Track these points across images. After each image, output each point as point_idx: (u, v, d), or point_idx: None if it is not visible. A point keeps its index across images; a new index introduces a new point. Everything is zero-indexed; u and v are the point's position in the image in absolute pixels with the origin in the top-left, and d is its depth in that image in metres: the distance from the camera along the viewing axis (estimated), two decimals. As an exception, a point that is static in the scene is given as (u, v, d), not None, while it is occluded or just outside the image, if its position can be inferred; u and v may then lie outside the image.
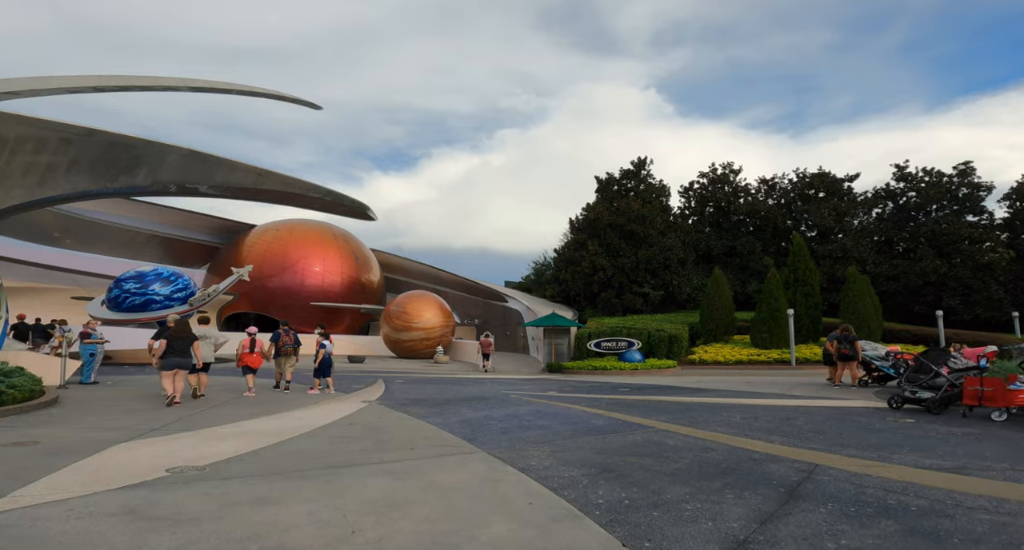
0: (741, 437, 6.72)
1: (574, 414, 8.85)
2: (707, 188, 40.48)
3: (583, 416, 8.62)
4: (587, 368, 20.39)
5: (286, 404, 10.05)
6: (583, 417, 8.51)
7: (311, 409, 9.37)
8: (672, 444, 6.35)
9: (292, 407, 9.60)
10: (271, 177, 16.92)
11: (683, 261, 34.42)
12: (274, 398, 11.18)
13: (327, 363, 12.20)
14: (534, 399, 11.17)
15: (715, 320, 24.91)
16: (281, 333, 12.78)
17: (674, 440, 6.60)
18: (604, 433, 7.08)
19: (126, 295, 22.37)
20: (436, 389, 13.44)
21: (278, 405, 9.92)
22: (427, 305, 32.65)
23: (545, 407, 9.82)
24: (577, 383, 15.59)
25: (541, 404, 10.29)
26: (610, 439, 6.67)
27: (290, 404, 10.04)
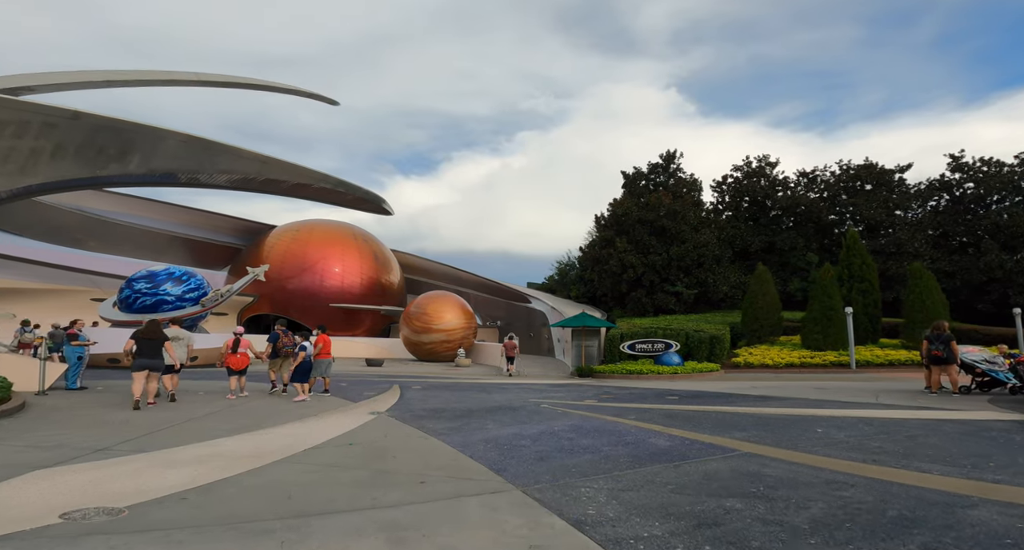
0: (871, 464, 4.95)
1: (625, 431, 7.15)
2: (741, 182, 38.22)
3: (638, 434, 6.92)
4: (620, 372, 18.61)
5: (279, 415, 8.59)
6: (638, 435, 6.81)
7: (306, 423, 7.87)
8: (776, 475, 4.63)
9: (284, 420, 8.12)
10: (275, 165, 15.68)
11: (718, 258, 32.27)
12: (268, 407, 9.75)
13: (305, 367, 10.78)
14: (571, 410, 9.50)
15: (759, 320, 22.83)
16: (280, 334, 11.70)
17: (775, 469, 4.87)
18: (674, 459, 5.38)
19: (137, 295, 21.49)
20: (457, 397, 11.88)
21: (269, 417, 8.46)
22: (448, 306, 31.22)
23: (586, 421, 8.15)
24: (614, 390, 13.84)
25: (580, 417, 8.62)
26: (686, 469, 4.98)
27: (283, 415, 8.57)
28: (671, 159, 39.52)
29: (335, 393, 12.13)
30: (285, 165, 15.88)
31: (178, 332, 11.05)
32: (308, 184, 17.45)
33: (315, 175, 17.42)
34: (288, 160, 15.75)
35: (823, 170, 38.18)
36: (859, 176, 35.99)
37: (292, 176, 16.42)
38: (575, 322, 19.87)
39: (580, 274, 49.34)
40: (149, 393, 9.44)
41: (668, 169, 39.50)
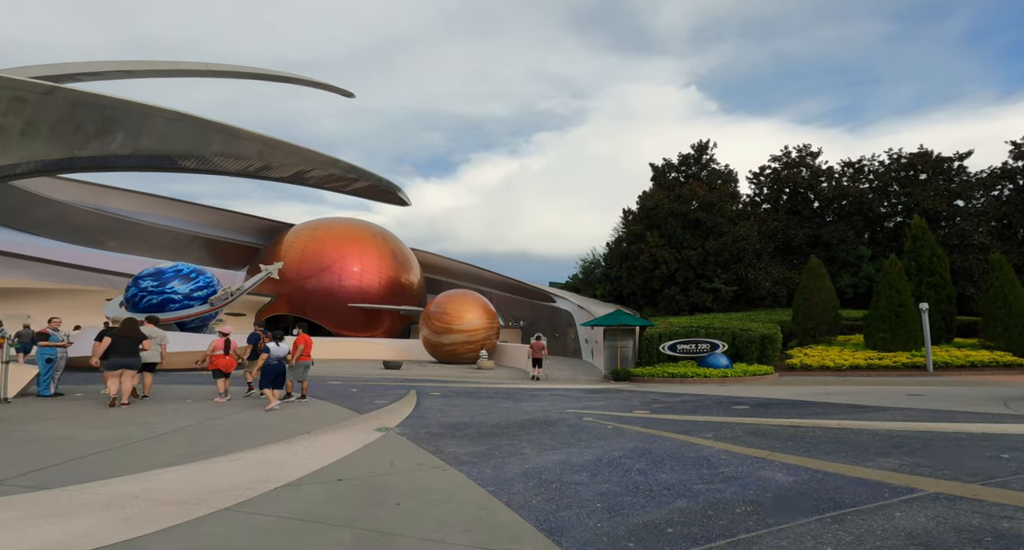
0: None
1: (713, 458, 5.31)
2: (780, 173, 35.74)
3: (734, 462, 5.07)
4: (661, 375, 16.66)
5: (261, 433, 6.96)
6: (736, 465, 4.96)
7: (292, 445, 6.21)
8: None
9: (266, 439, 6.48)
10: (280, 148, 14.21)
11: (759, 252, 29.94)
12: (253, 421, 8.14)
13: (270, 372, 9.40)
14: (623, 425, 7.68)
15: (813, 317, 20.58)
16: (260, 334, 10.76)
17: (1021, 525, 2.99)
18: (823, 507, 3.54)
19: (143, 294, 20.34)
20: (481, 407, 10.14)
21: (248, 435, 6.84)
22: (469, 305, 29.57)
23: (650, 442, 6.32)
24: (663, 397, 11.94)
25: (639, 435, 6.80)
26: (860, 526, 3.13)
27: (266, 434, 6.93)
28: (703, 150, 37.28)
29: (341, 402, 10.52)
30: (290, 148, 14.44)
31: (152, 331, 10.69)
32: (313, 169, 15.93)
33: (323, 159, 15.93)
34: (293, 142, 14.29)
35: (871, 159, 35.49)
36: (912, 164, 33.24)
37: (298, 160, 14.95)
38: (610, 320, 17.97)
39: (606, 272, 47.25)
40: (124, 393, 9.29)
41: (700, 160, 37.27)
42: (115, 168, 12.95)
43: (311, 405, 9.96)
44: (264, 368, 9.37)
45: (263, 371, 9.39)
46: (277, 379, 9.50)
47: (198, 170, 13.05)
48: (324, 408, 9.57)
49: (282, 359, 9.63)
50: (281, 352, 9.58)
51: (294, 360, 10.12)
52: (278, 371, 9.50)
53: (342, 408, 9.54)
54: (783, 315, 24.19)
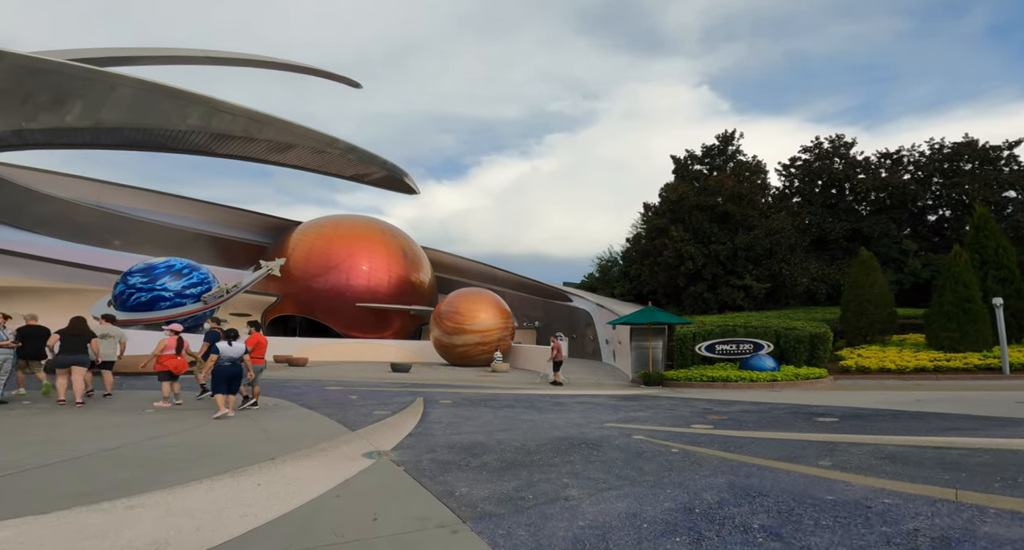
0: None
1: (875, 505, 3.51)
2: (812, 164, 33.57)
3: (919, 512, 3.28)
4: (699, 379, 14.78)
5: (205, 460, 5.27)
6: (930, 518, 3.17)
7: (241, 479, 4.50)
8: None
9: (208, 470, 4.77)
10: (270, 124, 12.61)
11: (793, 247, 27.82)
12: (204, 441, 6.47)
13: (221, 375, 8.16)
14: (690, 447, 5.89)
15: (866, 315, 18.52)
16: (219, 332, 9.37)
17: None
18: None
19: (131, 291, 18.93)
20: (501, 419, 8.40)
21: (187, 462, 5.16)
22: (483, 304, 27.85)
23: (746, 474, 4.53)
24: (715, 406, 10.08)
25: (722, 463, 5.01)
26: None
27: (216, 460, 5.24)
28: (729, 140, 35.21)
29: (332, 412, 8.85)
30: (281, 124, 12.83)
31: (109, 329, 10.41)
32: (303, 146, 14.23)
33: (319, 137, 14.29)
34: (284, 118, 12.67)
35: (911, 150, 33.18)
36: (957, 154, 30.89)
37: (289, 137, 13.34)
38: (641, 318, 16.10)
39: (624, 270, 45.25)
40: (76, 392, 8.95)
41: (726, 152, 35.23)
42: (75, 144, 11.49)
43: (289, 417, 8.29)
44: (215, 371, 8.13)
45: (213, 374, 8.18)
46: (231, 383, 8.25)
47: (175, 149, 11.56)
48: (306, 421, 7.90)
49: (236, 361, 8.30)
50: (234, 353, 8.26)
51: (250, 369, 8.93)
52: (231, 374, 8.20)
53: (330, 421, 7.84)
54: (825, 313, 22.15)
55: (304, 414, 8.63)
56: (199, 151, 12.04)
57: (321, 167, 16.04)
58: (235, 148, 12.74)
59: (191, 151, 12.05)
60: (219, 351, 8.12)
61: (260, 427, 7.19)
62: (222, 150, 12.46)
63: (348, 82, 30.29)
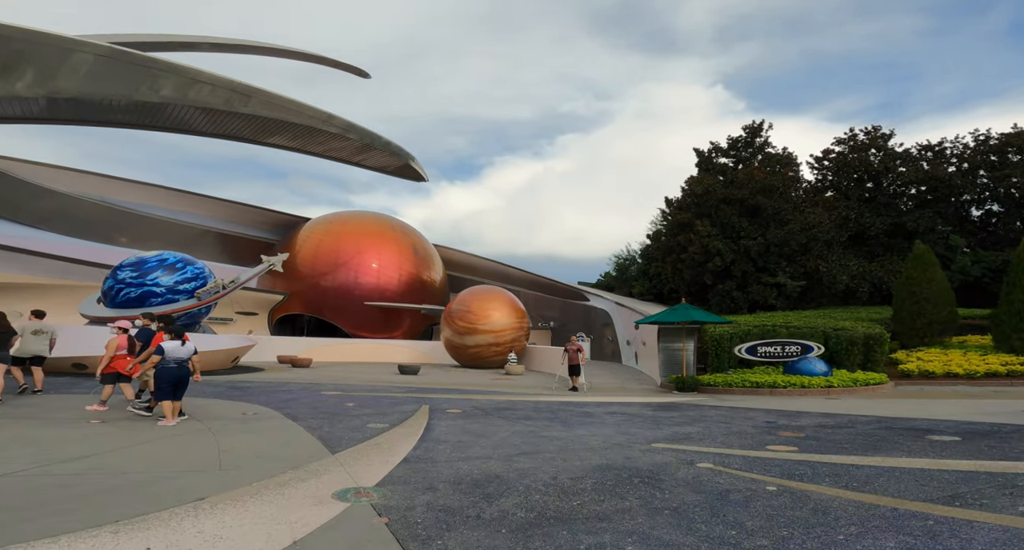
0: None
1: None
2: (847, 156, 31.54)
3: None
4: (741, 384, 13.07)
5: (114, 494, 3.76)
6: None
7: (148, 529, 2.97)
8: None
9: (110, 514, 3.27)
10: (255, 97, 11.18)
11: (830, 242, 25.87)
12: (119, 466, 4.98)
13: (166, 378, 7.14)
14: (790, 482, 4.29)
15: (923, 315, 16.64)
16: (153, 331, 8.38)
17: None
18: None
19: (120, 286, 17.69)
20: (521, 435, 6.84)
21: (90, 494, 3.68)
22: (496, 303, 26.30)
23: (923, 531, 2.92)
24: (778, 418, 8.40)
25: (864, 512, 3.42)
26: None
27: (116, 501, 3.73)
28: (757, 132, 33.29)
29: (318, 424, 7.37)
30: (267, 96, 11.36)
31: (41, 325, 10.08)
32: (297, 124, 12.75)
33: (313, 112, 12.83)
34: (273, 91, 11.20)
35: (954, 142, 30.95)
36: (1006, 145, 28.63)
37: (279, 112, 11.90)
38: (674, 317, 14.37)
39: (643, 268, 43.47)
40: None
41: (753, 143, 33.31)
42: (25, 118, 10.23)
43: (263, 431, 6.81)
44: (159, 374, 7.13)
45: (157, 378, 7.17)
46: (177, 388, 7.26)
47: (151, 125, 10.25)
48: (281, 436, 6.40)
49: (184, 363, 7.33)
50: (182, 354, 7.30)
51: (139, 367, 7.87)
52: (178, 378, 7.23)
53: (310, 438, 6.34)
54: (870, 313, 20.26)
55: (283, 427, 7.15)
56: (180, 128, 10.78)
57: (320, 150, 14.65)
58: (221, 125, 11.42)
59: (171, 128, 10.78)
60: (164, 352, 7.09)
61: (216, 445, 5.70)
62: (206, 128, 11.18)
63: (356, 72, 29.01)
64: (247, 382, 14.15)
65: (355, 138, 14.82)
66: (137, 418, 7.53)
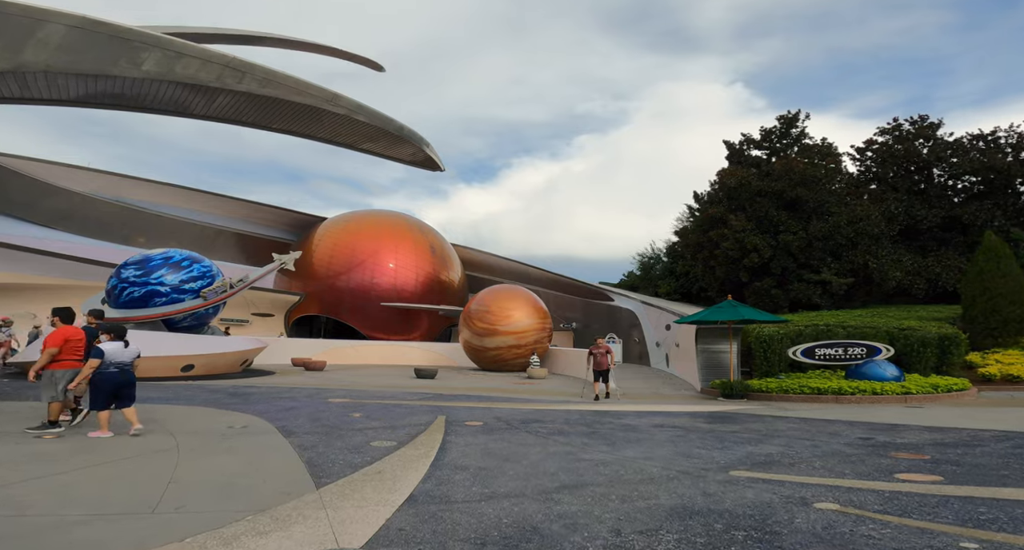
0: None
1: None
2: (892, 147, 29.46)
3: None
4: (798, 390, 11.48)
5: None
6: None
7: None
8: None
9: None
10: (251, 72, 10.05)
11: (878, 237, 23.90)
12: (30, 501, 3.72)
13: (105, 384, 6.30)
14: (987, 533, 2.80)
15: (999, 312, 14.82)
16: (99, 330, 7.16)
17: None
18: None
19: (124, 286, 16.82)
20: (557, 460, 5.48)
21: None
22: (517, 302, 24.99)
23: None
24: (873, 432, 6.86)
25: None
26: None
27: None
28: (792, 123, 31.38)
29: (312, 440, 6.12)
30: (264, 72, 10.23)
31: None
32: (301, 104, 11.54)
33: (316, 91, 11.61)
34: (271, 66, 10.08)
35: (1008, 130, 28.60)
36: (1072, 131, 26.31)
37: (279, 90, 10.73)
38: (720, 316, 12.76)
39: (669, 266, 41.68)
40: None
41: (788, 134, 31.42)
42: None
43: (240, 451, 5.56)
44: (96, 380, 6.26)
45: (93, 384, 6.30)
46: (119, 396, 6.40)
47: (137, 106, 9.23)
48: (259, 460, 5.14)
49: (127, 367, 6.51)
50: (125, 357, 6.49)
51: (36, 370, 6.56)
52: (119, 383, 6.37)
53: (296, 462, 5.06)
54: (930, 312, 18.42)
55: (269, 446, 5.90)
56: (168, 109, 9.78)
57: (327, 135, 13.54)
58: (218, 107, 10.39)
59: (158, 109, 9.77)
60: (104, 354, 6.23)
61: (171, 473, 4.45)
62: (201, 109, 10.18)
63: (370, 64, 27.99)
64: (251, 387, 13.05)
65: (364, 120, 13.67)
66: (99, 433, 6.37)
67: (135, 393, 6.61)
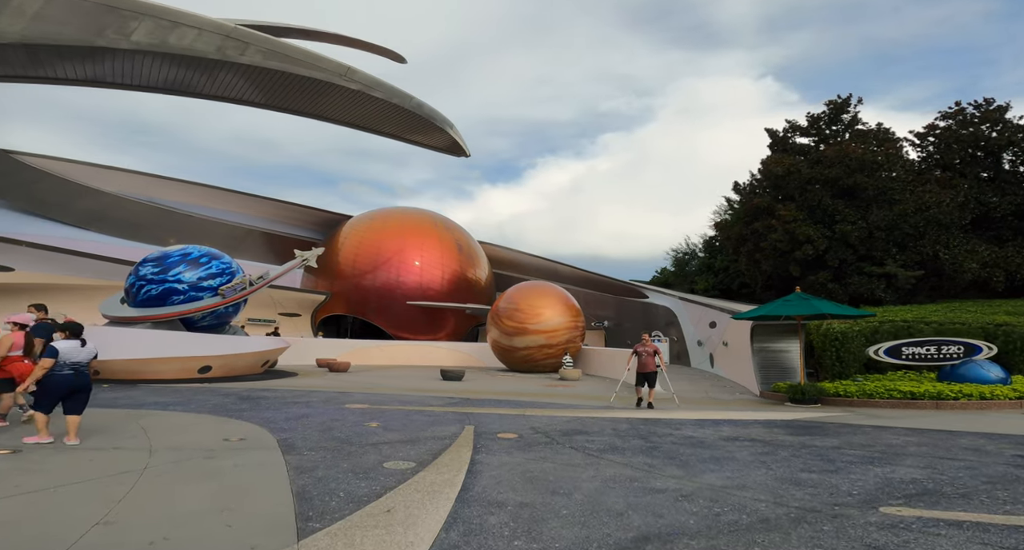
0: None
1: None
2: (956, 132, 27.01)
3: None
4: (885, 395, 9.82)
5: None
6: None
7: None
8: None
9: None
10: (254, 43, 8.96)
11: (948, 226, 21.65)
12: None
13: (56, 387, 5.55)
14: None
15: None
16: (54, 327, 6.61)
17: None
18: None
19: (141, 283, 16.16)
20: (619, 488, 4.13)
21: None
22: (547, 300, 23.60)
23: None
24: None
25: None
26: None
27: None
28: (842, 108, 29.19)
29: (316, 457, 4.95)
30: (267, 42, 9.18)
31: None
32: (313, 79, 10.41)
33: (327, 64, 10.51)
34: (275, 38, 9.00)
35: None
36: None
37: (288, 63, 9.65)
38: (790, 309, 11.03)
39: (706, 262, 39.67)
40: None
41: (839, 120, 29.22)
42: None
43: (216, 476, 4.38)
44: (47, 381, 5.50)
45: (43, 385, 5.55)
46: (73, 400, 5.66)
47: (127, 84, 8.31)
48: (235, 487, 3.94)
49: (83, 368, 5.75)
50: (81, 357, 5.76)
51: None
52: (73, 386, 5.63)
53: (284, 490, 3.86)
54: (1019, 306, 16.31)
55: (258, 468, 4.74)
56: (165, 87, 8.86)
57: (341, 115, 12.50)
58: (221, 84, 9.47)
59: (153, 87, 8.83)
60: (58, 353, 5.48)
61: (111, 506, 3.29)
62: (203, 87, 9.26)
63: (393, 56, 27.07)
64: (266, 391, 12.08)
65: (381, 96, 12.55)
66: (53, 448, 5.35)
67: (87, 400, 5.78)
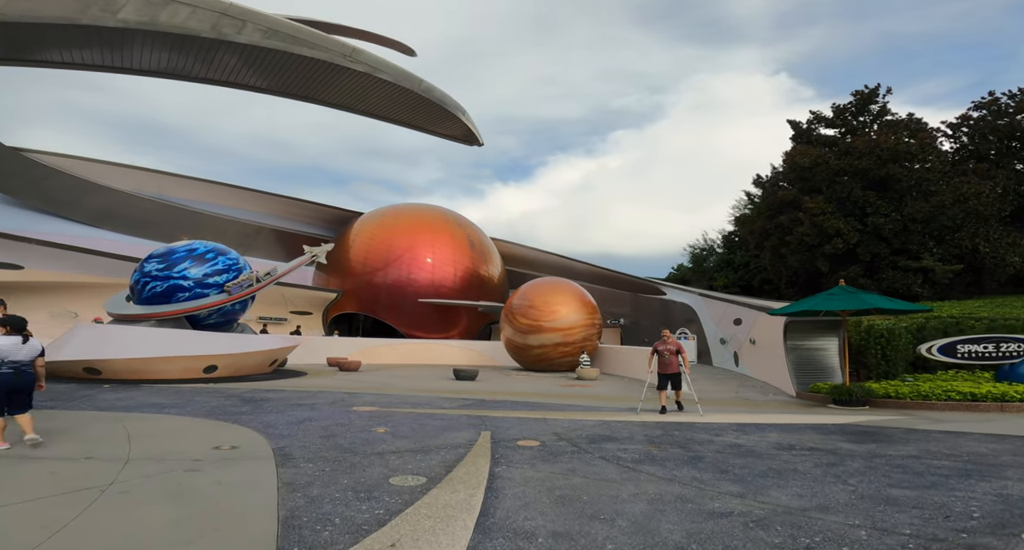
0: None
1: None
2: (992, 122, 25.75)
3: None
4: (942, 397, 8.94)
5: None
6: None
7: None
8: None
9: None
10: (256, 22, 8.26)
11: (987, 218, 20.45)
12: None
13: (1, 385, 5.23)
14: None
15: None
16: None
17: None
18: None
19: (146, 280, 15.70)
20: (671, 512, 3.42)
21: None
22: (563, 296, 22.82)
23: None
24: None
25: None
26: None
27: None
28: (870, 99, 27.97)
29: (311, 479, 4.25)
30: (271, 22, 8.48)
31: None
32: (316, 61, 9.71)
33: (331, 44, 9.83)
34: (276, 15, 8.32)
35: None
36: None
37: (289, 43, 8.94)
38: (835, 304, 9.92)
39: (726, 258, 38.55)
40: None
41: (866, 110, 28.02)
42: None
43: (188, 493, 3.68)
44: None
45: None
46: (12, 400, 5.36)
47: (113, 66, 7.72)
48: (210, 513, 3.23)
49: (24, 367, 5.46)
50: (22, 355, 5.42)
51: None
52: (12, 386, 5.34)
53: (269, 512, 3.17)
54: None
55: (243, 485, 4.05)
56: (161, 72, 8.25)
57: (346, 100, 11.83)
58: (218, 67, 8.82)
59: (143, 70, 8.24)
60: None
61: (48, 535, 2.61)
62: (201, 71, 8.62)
63: (402, 48, 26.42)
64: (271, 392, 11.47)
65: (388, 79, 11.85)
66: (18, 457, 4.72)
67: (32, 398, 5.44)
